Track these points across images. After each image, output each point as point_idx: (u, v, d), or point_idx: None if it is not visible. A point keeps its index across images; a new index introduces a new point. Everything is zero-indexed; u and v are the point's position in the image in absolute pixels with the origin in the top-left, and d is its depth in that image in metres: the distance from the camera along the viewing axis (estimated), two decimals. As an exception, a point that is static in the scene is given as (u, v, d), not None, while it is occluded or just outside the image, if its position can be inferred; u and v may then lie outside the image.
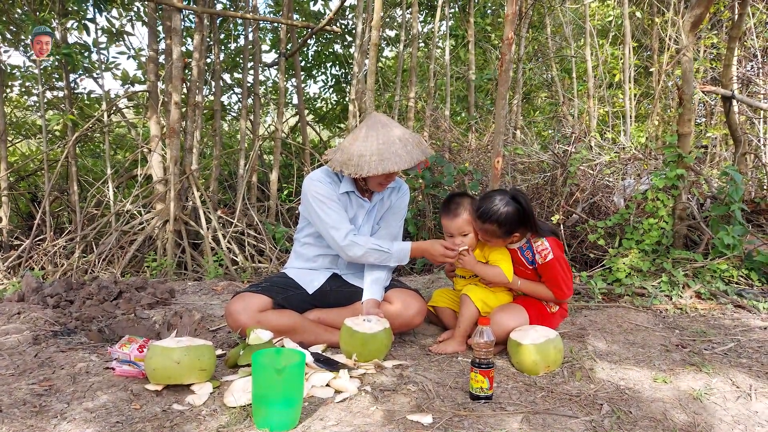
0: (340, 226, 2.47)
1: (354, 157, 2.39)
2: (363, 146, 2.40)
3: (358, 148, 2.40)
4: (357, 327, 2.26)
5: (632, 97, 8.22)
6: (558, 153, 5.20)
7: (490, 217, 2.41)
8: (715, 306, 3.26)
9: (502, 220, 2.40)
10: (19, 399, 1.86)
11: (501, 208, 2.40)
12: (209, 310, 3.14)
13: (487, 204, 2.43)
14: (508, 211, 2.40)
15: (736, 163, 4.60)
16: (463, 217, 2.51)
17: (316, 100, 9.88)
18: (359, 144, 2.41)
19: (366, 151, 2.38)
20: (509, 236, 2.48)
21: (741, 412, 1.91)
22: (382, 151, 2.37)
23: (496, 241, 2.51)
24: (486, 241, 2.53)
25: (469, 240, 2.54)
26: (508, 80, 3.71)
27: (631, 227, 4.02)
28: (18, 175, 7.03)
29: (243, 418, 1.77)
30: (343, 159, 2.43)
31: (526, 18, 8.06)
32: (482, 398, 1.93)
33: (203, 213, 5.60)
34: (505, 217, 2.40)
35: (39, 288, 3.18)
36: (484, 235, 2.50)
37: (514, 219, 2.42)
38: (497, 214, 2.40)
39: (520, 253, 2.56)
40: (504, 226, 2.42)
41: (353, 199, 2.59)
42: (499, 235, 2.46)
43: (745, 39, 6.91)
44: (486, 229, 2.45)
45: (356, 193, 2.58)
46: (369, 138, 2.41)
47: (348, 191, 2.56)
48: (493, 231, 2.44)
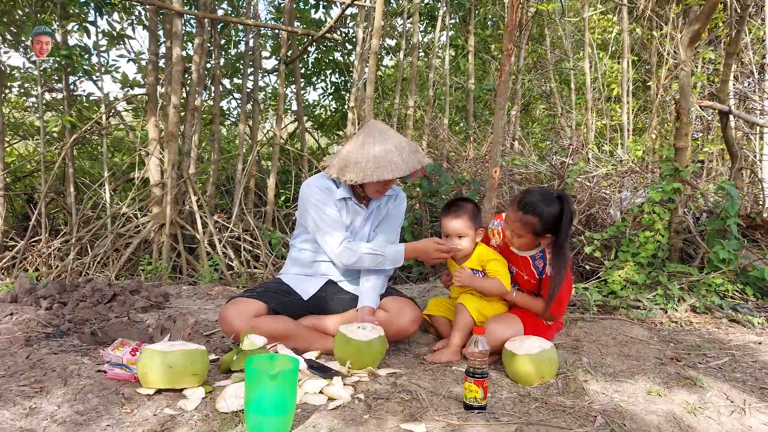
0: (335, 233, 2.47)
1: (351, 164, 2.39)
2: (360, 153, 2.39)
3: (355, 155, 2.40)
4: (351, 334, 2.25)
5: (630, 111, 8.26)
6: (555, 164, 5.21)
7: (535, 209, 2.33)
8: (709, 320, 3.26)
9: (545, 216, 2.33)
10: (10, 400, 1.85)
11: (546, 204, 2.34)
12: (203, 314, 3.13)
13: (533, 197, 2.37)
14: (553, 209, 2.34)
15: (732, 178, 4.62)
16: (462, 219, 2.50)
17: (315, 107, 9.90)
18: (356, 151, 2.41)
19: (362, 159, 2.38)
20: (543, 235, 2.39)
21: (735, 426, 1.91)
22: (378, 158, 2.36)
23: (528, 239, 2.42)
24: (517, 237, 2.43)
25: (465, 244, 2.52)
26: (507, 91, 3.72)
27: (627, 240, 4.03)
28: (15, 175, 7.01)
29: (235, 424, 1.76)
30: (340, 165, 2.43)
31: (525, 30, 8.11)
32: (476, 408, 1.92)
33: (200, 217, 5.59)
34: (548, 214, 2.33)
35: (32, 289, 3.16)
36: (519, 229, 2.40)
37: (555, 219, 2.34)
38: (541, 209, 2.33)
39: (533, 262, 2.51)
40: (544, 222, 2.34)
41: (350, 205, 2.58)
42: (535, 231, 2.37)
43: (743, 55, 6.96)
44: (525, 222, 2.36)
45: (353, 200, 2.58)
46: (366, 145, 2.41)
47: (345, 197, 2.55)
48: (532, 225, 2.35)
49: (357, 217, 2.60)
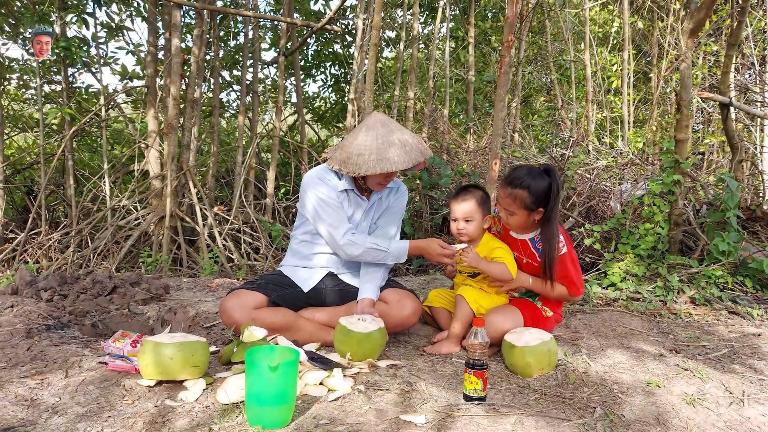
0: (338, 225, 2.47)
1: (353, 155, 2.39)
2: (362, 145, 2.39)
3: (357, 147, 2.40)
4: (352, 326, 2.25)
5: (630, 103, 8.24)
6: (555, 157, 5.21)
7: (522, 182, 2.37)
8: (709, 312, 3.27)
9: (532, 188, 2.37)
10: (11, 391, 1.86)
11: (533, 178, 2.38)
12: (204, 306, 3.14)
13: (520, 172, 2.42)
14: (541, 182, 2.38)
15: (732, 170, 4.61)
16: (470, 203, 2.52)
17: (314, 99, 9.87)
18: (359, 143, 2.41)
19: (365, 150, 2.38)
20: (535, 209, 2.41)
21: (733, 417, 1.92)
22: (381, 150, 2.36)
23: (521, 215, 2.43)
24: (510, 215, 2.46)
25: (472, 227, 2.53)
26: (507, 83, 3.71)
27: (627, 232, 4.03)
28: (14, 168, 7.00)
29: (236, 415, 1.77)
30: (342, 157, 2.43)
31: (526, 22, 8.08)
32: (476, 399, 1.93)
33: (200, 210, 5.58)
34: (536, 187, 2.37)
35: (33, 281, 3.17)
36: (510, 205, 2.43)
37: (544, 190, 2.38)
38: (528, 181, 2.37)
39: (532, 244, 2.52)
40: (533, 195, 2.37)
41: (352, 197, 2.58)
42: (526, 204, 2.39)
43: (744, 47, 6.93)
44: (515, 196, 2.39)
45: (355, 191, 2.58)
46: (368, 137, 2.41)
47: (347, 189, 2.56)
48: (522, 198, 2.38)
49: (358, 209, 2.60)
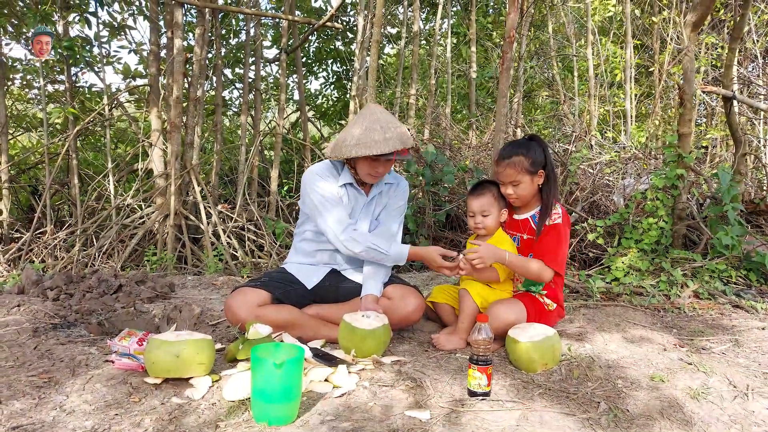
0: (339, 220, 2.49)
1: (339, 141, 2.48)
2: (348, 132, 2.47)
3: (343, 135, 2.49)
4: (356, 323, 2.26)
5: (633, 97, 8.21)
6: (558, 152, 5.20)
7: (516, 150, 2.47)
8: (713, 306, 3.27)
9: (529, 152, 2.46)
10: (19, 390, 1.87)
11: (523, 144, 2.50)
12: (209, 304, 3.15)
13: (509, 145, 2.53)
14: (533, 146, 2.49)
15: (735, 164, 4.60)
16: (486, 197, 2.56)
17: (317, 96, 9.87)
18: (346, 130, 2.51)
19: (348, 136, 2.45)
20: (536, 172, 2.49)
21: (738, 411, 1.92)
22: (361, 136, 2.42)
23: (526, 180, 2.48)
24: (515, 186, 2.50)
25: (489, 221, 2.56)
26: (509, 78, 3.71)
27: (631, 226, 4.03)
28: (19, 168, 7.03)
29: (242, 412, 1.78)
30: (332, 145, 2.54)
31: (527, 16, 8.06)
32: (480, 395, 1.94)
33: (203, 208, 5.60)
34: (529, 150, 2.47)
35: (39, 281, 3.19)
36: (512, 176, 2.48)
37: (537, 153, 2.48)
38: (521, 148, 2.47)
39: (533, 221, 2.57)
40: (530, 157, 2.46)
41: (351, 191, 2.60)
42: (527, 168, 2.46)
43: (747, 40, 6.90)
44: (514, 164, 2.46)
45: (354, 186, 2.60)
46: (356, 125, 2.48)
47: (346, 183, 2.58)
48: (521, 163, 2.46)
49: (357, 204, 2.62)
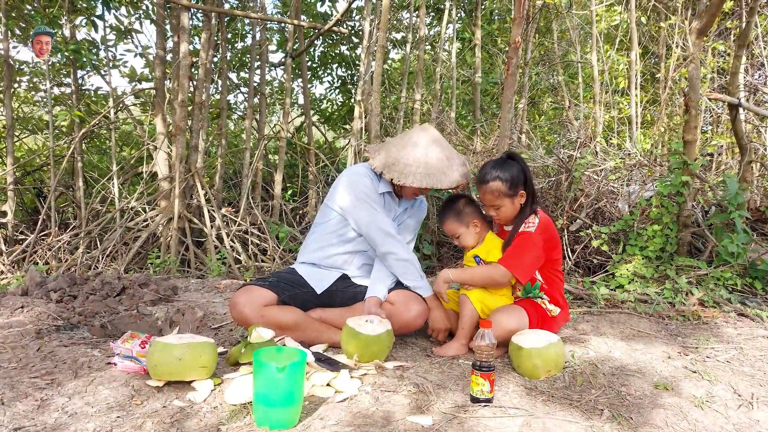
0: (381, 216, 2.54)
1: (400, 163, 2.47)
2: (411, 155, 2.47)
3: (405, 156, 2.48)
4: (359, 328, 2.26)
5: (638, 103, 8.20)
6: (563, 158, 5.19)
7: (491, 175, 2.47)
8: (718, 314, 3.25)
9: (503, 176, 2.45)
10: (21, 392, 1.87)
11: (499, 167, 2.48)
12: (211, 307, 3.15)
13: (485, 168, 2.52)
14: (510, 168, 2.47)
15: (741, 172, 4.58)
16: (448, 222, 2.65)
17: (321, 100, 9.89)
18: (407, 152, 2.49)
19: (413, 161, 2.46)
20: (516, 192, 2.48)
21: (742, 420, 1.91)
22: (429, 165, 2.45)
23: (507, 205, 2.49)
24: (497, 210, 2.51)
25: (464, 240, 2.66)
26: (514, 84, 3.71)
27: (635, 233, 4.02)
28: (24, 170, 7.06)
29: (243, 416, 1.78)
30: (388, 162, 2.51)
31: (532, 23, 8.06)
32: (482, 401, 1.93)
33: (207, 211, 5.61)
34: (506, 173, 2.46)
35: (43, 282, 3.19)
36: (492, 200, 2.49)
37: (516, 173, 2.46)
38: (496, 172, 2.46)
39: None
40: (506, 181, 2.45)
41: (387, 200, 2.66)
42: (506, 193, 2.46)
43: (753, 47, 6.89)
44: (491, 190, 2.46)
45: (392, 195, 2.67)
46: (417, 149, 2.49)
47: (385, 192, 2.63)
48: (499, 188, 2.46)
49: (390, 213, 2.68)
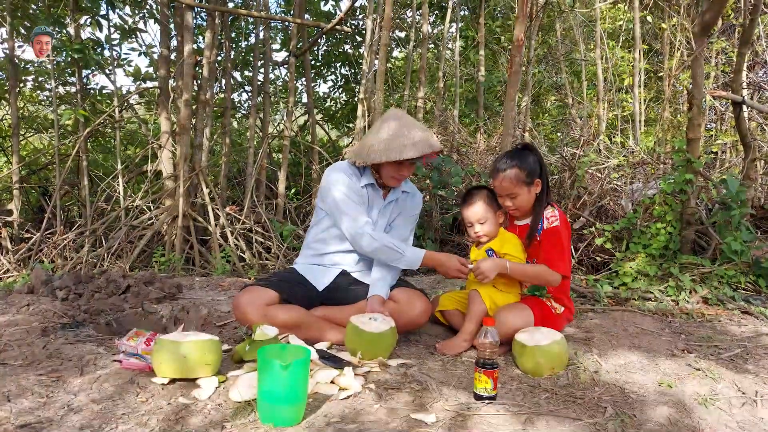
0: (358, 217, 2.51)
1: (365, 147, 2.52)
2: (374, 137, 2.51)
3: (369, 140, 2.53)
4: (363, 326, 2.27)
5: (642, 101, 8.18)
6: (566, 156, 5.19)
7: (510, 162, 2.46)
8: (722, 312, 3.25)
9: (521, 163, 2.45)
10: (27, 389, 1.89)
11: (517, 155, 2.49)
12: (216, 305, 3.16)
13: (503, 157, 2.52)
14: (524, 155, 2.49)
15: (745, 169, 4.57)
16: (478, 205, 2.57)
17: (325, 99, 9.89)
18: (371, 136, 2.54)
19: (374, 142, 2.49)
20: (533, 182, 2.48)
21: (746, 418, 1.91)
22: (389, 141, 2.45)
23: (523, 192, 2.48)
24: (513, 198, 2.50)
25: (488, 227, 2.57)
26: (518, 82, 3.71)
27: (639, 231, 4.01)
28: (29, 168, 7.09)
29: (248, 413, 1.79)
30: (356, 150, 2.59)
31: (536, 21, 8.05)
32: (486, 398, 1.93)
33: (212, 209, 5.63)
34: (523, 161, 2.46)
35: (48, 280, 3.21)
36: (508, 188, 2.47)
37: (532, 163, 2.47)
38: (514, 160, 2.46)
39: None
40: (525, 168, 2.45)
41: (371, 192, 2.64)
42: (523, 180, 2.46)
43: (756, 45, 6.86)
44: (510, 177, 2.45)
45: (375, 187, 2.64)
46: (381, 130, 2.52)
47: (368, 184, 2.62)
48: (517, 175, 2.45)
49: (376, 206, 2.66)
